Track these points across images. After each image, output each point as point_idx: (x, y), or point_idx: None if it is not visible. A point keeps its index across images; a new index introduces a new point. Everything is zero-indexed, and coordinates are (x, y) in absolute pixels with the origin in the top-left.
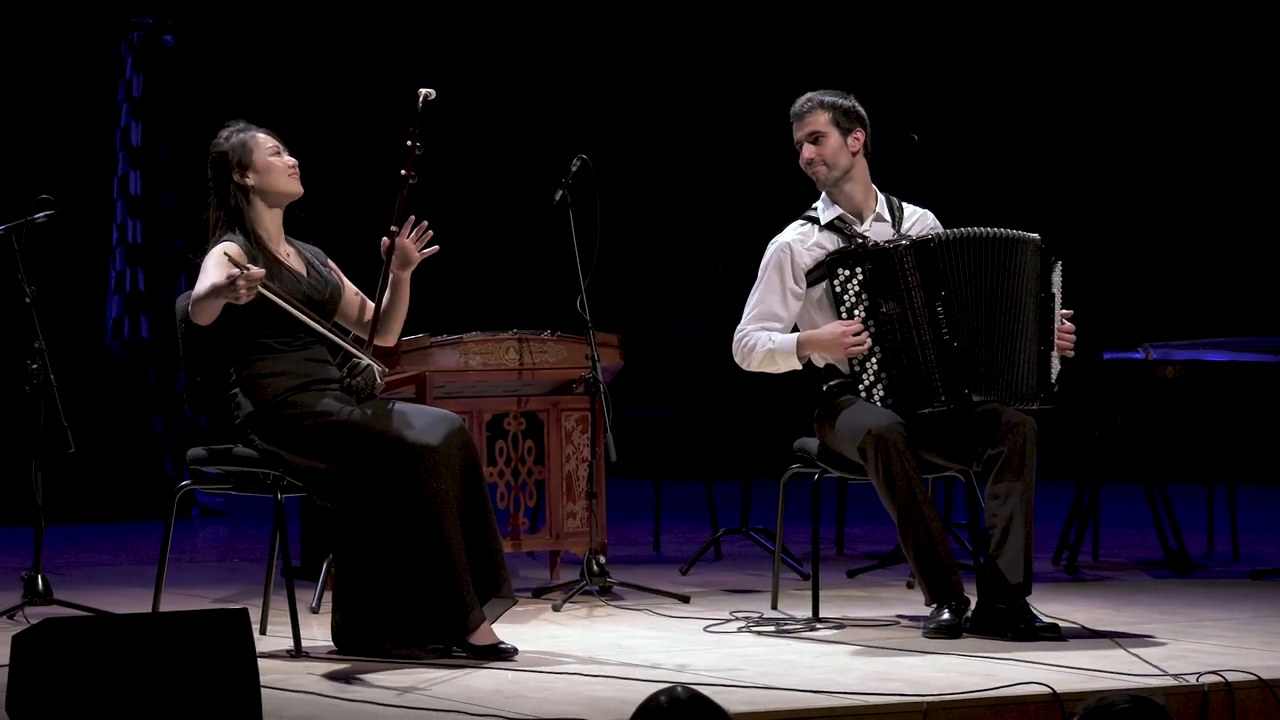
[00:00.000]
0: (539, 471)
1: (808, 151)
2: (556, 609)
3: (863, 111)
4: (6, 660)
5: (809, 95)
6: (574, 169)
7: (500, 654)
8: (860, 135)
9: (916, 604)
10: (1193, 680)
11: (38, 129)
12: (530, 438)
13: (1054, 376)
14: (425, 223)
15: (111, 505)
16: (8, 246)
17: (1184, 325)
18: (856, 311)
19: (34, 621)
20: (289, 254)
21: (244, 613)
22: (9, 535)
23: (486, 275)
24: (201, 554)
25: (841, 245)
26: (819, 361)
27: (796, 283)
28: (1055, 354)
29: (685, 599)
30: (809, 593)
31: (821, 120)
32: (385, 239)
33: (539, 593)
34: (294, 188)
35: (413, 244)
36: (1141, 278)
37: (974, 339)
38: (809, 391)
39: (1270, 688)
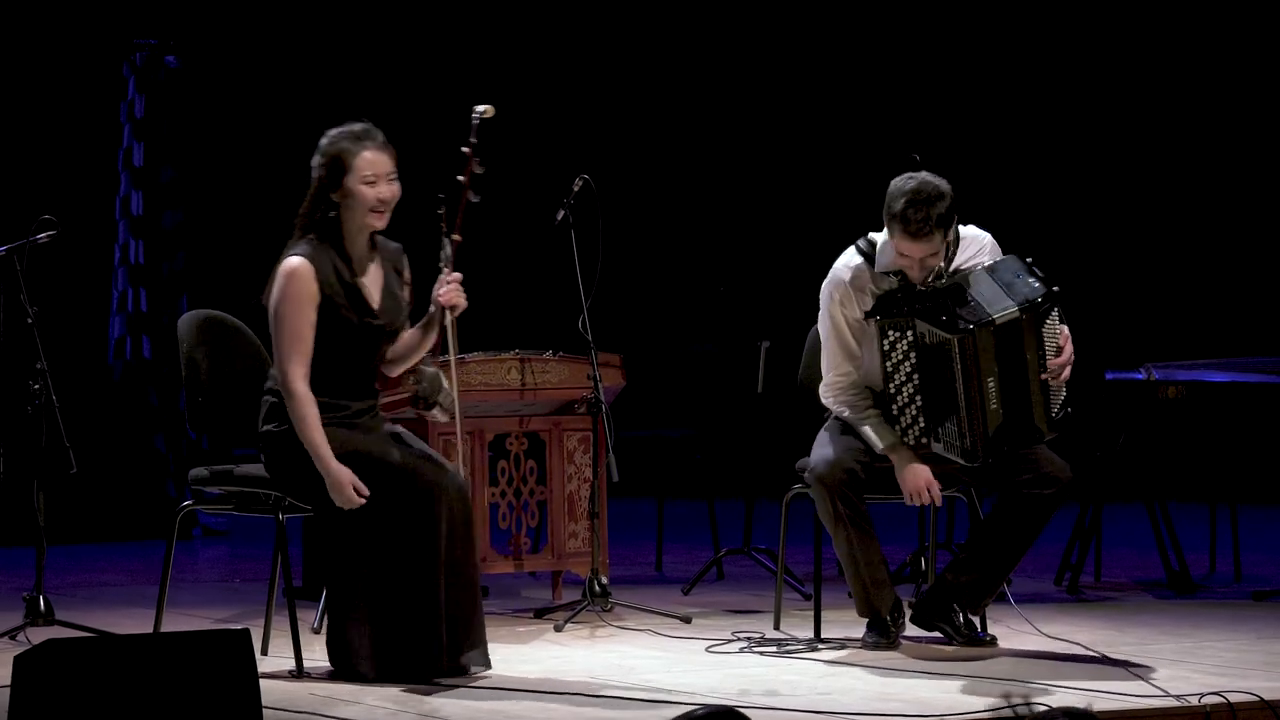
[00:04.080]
0: (541, 491)
1: (916, 266)
2: (558, 629)
3: (952, 191)
4: (8, 681)
5: (921, 207)
6: (576, 189)
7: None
8: (956, 220)
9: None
10: (1195, 701)
11: (40, 149)
12: (532, 458)
13: (1055, 410)
14: (458, 275)
15: (113, 525)
16: (10, 267)
17: (1186, 346)
18: (903, 366)
19: (36, 642)
20: (369, 275)
21: (245, 633)
22: (11, 556)
23: (488, 295)
24: (203, 574)
25: (890, 292)
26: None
27: (855, 335)
28: (1054, 391)
29: (687, 619)
30: (811, 613)
31: (936, 241)
32: (448, 241)
33: (541, 613)
34: (372, 224)
35: (440, 289)
36: (1143, 298)
37: (1015, 405)
38: (811, 412)
39: (1272, 708)
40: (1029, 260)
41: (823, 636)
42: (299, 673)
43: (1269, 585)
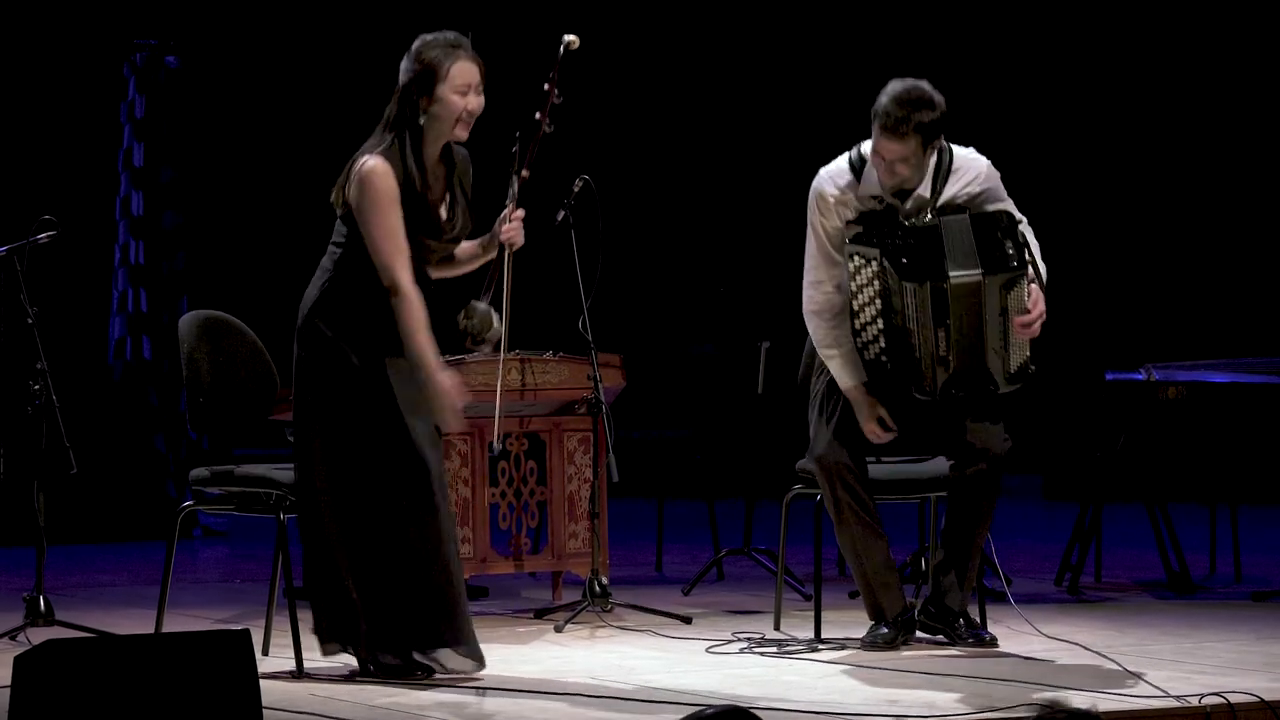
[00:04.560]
0: (541, 492)
1: (882, 167)
2: (559, 630)
3: (945, 106)
4: (8, 682)
5: (904, 106)
6: (576, 189)
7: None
8: (939, 140)
9: None
10: (1195, 701)
11: (40, 149)
12: (532, 458)
13: (1013, 368)
14: (521, 211)
15: (114, 526)
16: (10, 267)
17: (1186, 346)
18: (867, 291)
19: (36, 643)
20: (438, 187)
21: (246, 633)
22: (11, 556)
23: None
24: (204, 574)
25: (873, 214)
26: None
27: (832, 244)
28: (1014, 349)
29: (687, 620)
30: (811, 613)
31: (912, 145)
32: (516, 178)
33: (541, 613)
34: (458, 135)
35: (503, 225)
36: (1143, 298)
37: (968, 357)
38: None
39: (1272, 709)
40: (1018, 220)
41: (823, 637)
42: (299, 673)
43: (1269, 586)
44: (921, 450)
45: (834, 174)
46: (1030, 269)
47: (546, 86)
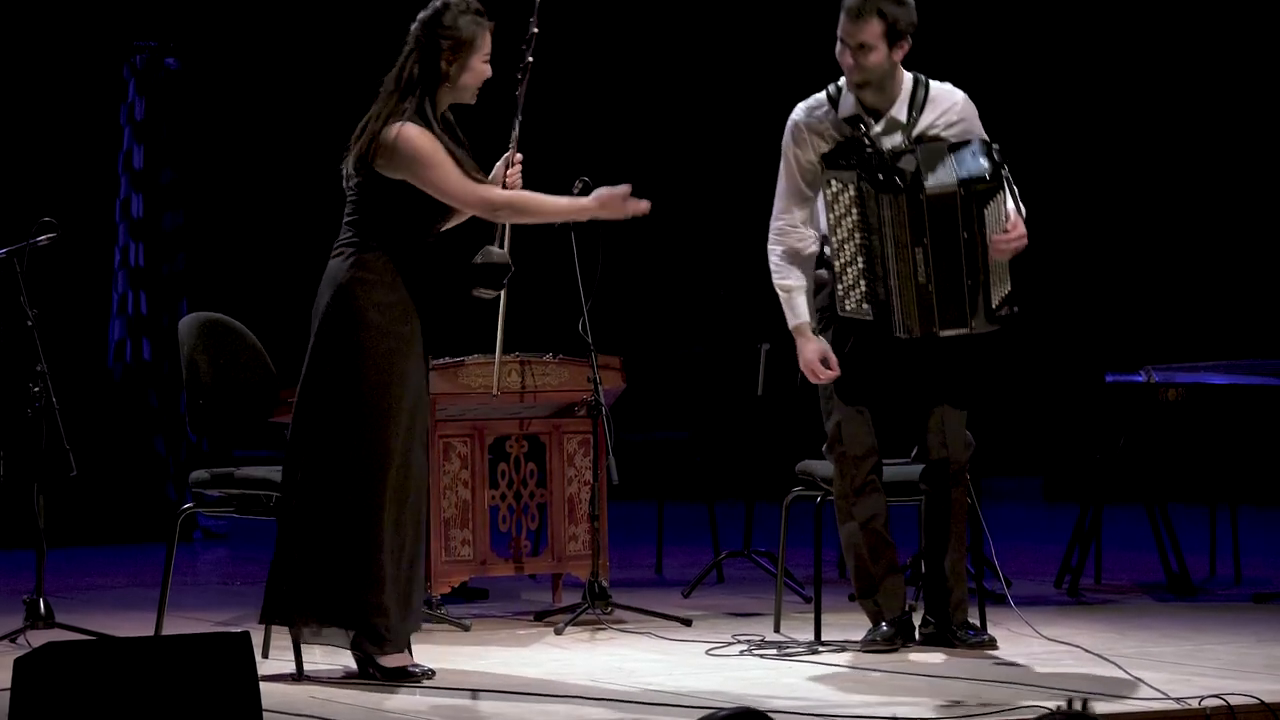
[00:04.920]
0: (541, 494)
1: (848, 58)
2: (559, 632)
3: (915, 18)
4: (8, 684)
5: None
6: (576, 191)
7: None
8: (906, 46)
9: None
10: (1195, 704)
11: (40, 151)
12: (532, 460)
13: (994, 302)
14: (520, 155)
15: (113, 528)
16: (10, 269)
17: (1186, 348)
18: (845, 222)
19: (36, 645)
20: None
21: (246, 636)
22: (11, 558)
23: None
24: (204, 577)
25: (849, 140)
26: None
27: (804, 179)
28: (995, 276)
29: (687, 622)
30: (811, 616)
31: (874, 32)
32: (517, 122)
33: (541, 616)
34: (472, 100)
35: (506, 170)
36: (1143, 300)
37: (945, 283)
38: (811, 416)
39: (1273, 711)
40: (994, 145)
41: (823, 639)
42: (299, 675)
43: (1269, 587)
44: (901, 425)
45: (810, 104)
46: (1007, 191)
47: (535, 30)
